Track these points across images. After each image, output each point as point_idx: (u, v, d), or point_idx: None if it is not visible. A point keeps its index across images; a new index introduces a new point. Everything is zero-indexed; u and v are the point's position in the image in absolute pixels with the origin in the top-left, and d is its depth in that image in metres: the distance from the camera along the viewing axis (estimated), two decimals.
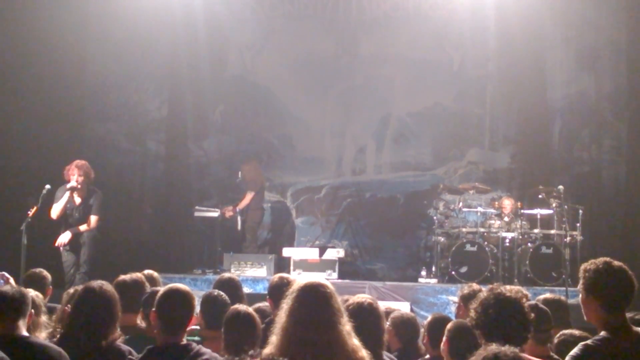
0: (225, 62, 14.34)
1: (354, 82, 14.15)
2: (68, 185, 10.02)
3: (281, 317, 3.65)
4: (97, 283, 4.65)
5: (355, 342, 3.64)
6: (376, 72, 14.05)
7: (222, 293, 5.31)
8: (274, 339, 3.62)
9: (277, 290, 5.67)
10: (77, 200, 10.23)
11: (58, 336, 4.54)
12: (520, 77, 13.28)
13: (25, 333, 4.29)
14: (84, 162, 10.17)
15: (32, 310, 4.51)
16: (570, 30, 13.22)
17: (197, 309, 4.88)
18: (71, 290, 5.43)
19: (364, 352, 3.66)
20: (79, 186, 10.07)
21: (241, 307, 4.76)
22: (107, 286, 4.66)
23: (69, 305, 4.81)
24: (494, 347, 3.19)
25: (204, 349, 4.26)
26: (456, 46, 13.81)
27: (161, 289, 4.53)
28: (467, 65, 13.79)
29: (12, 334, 4.21)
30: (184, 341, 4.28)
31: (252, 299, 6.99)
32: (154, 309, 4.34)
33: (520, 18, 12.83)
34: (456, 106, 13.82)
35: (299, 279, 4.17)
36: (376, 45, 14.05)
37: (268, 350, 3.62)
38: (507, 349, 3.14)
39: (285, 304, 3.66)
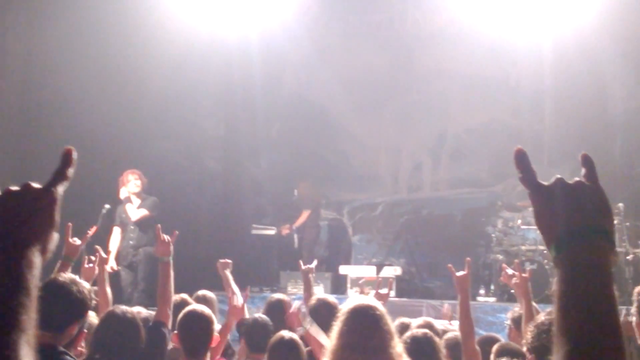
0: (280, 81, 14.42)
1: (409, 98, 14.08)
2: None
3: (331, 340, 3.63)
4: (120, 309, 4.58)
5: None
6: (432, 88, 13.95)
7: (264, 317, 5.34)
8: None
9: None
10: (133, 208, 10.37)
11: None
12: (578, 92, 13.02)
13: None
14: (137, 170, 10.43)
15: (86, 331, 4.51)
16: (629, 45, 12.94)
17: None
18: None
19: None
20: (139, 189, 10.26)
21: (286, 333, 4.75)
22: (131, 313, 4.56)
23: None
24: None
25: None
26: (512, 61, 13.63)
27: (182, 312, 4.55)
28: (524, 81, 13.60)
29: None
30: None
31: None
32: (175, 332, 4.41)
33: (577, 32, 12.61)
34: (513, 122, 13.64)
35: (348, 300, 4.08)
36: (431, 61, 13.96)
37: None
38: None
39: (336, 327, 3.64)
